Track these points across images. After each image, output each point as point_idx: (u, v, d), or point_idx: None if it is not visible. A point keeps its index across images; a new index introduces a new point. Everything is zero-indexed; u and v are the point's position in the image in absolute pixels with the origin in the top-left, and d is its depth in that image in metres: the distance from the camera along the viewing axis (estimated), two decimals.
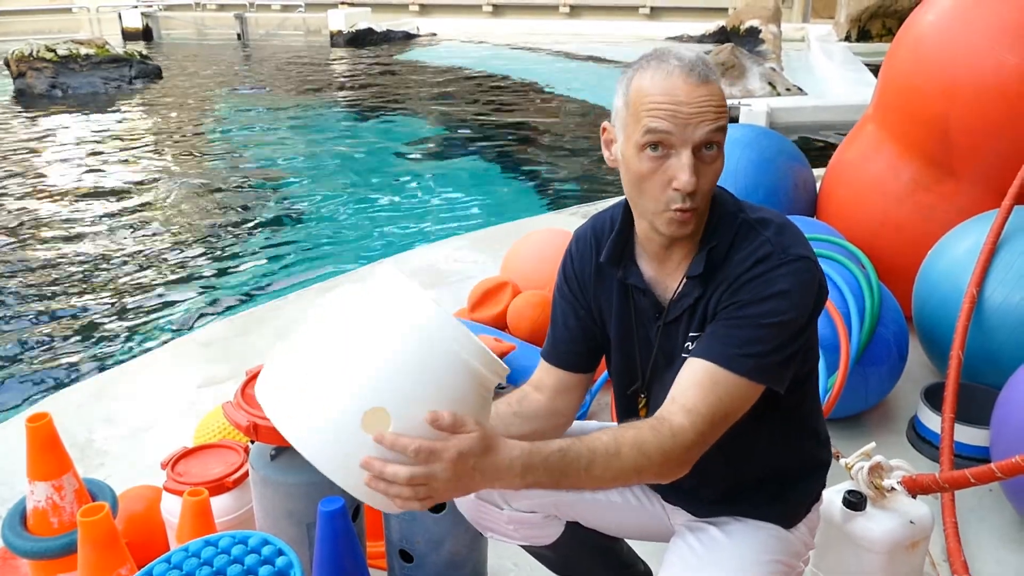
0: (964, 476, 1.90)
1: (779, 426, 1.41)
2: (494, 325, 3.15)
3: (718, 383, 1.27)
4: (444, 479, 1.09)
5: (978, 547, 2.25)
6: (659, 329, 1.42)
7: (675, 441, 1.23)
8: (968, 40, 3.07)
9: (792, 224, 1.37)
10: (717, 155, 1.28)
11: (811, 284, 1.31)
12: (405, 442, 1.08)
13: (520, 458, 1.14)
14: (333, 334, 1.17)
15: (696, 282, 1.35)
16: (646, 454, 1.21)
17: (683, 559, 1.45)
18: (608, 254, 1.44)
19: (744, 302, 1.29)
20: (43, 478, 1.79)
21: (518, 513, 1.56)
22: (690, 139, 1.25)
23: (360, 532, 1.91)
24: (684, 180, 1.25)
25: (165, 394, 3.18)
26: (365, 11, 21.00)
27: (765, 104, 9.17)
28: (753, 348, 1.27)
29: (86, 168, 8.51)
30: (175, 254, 6.00)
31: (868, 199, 3.40)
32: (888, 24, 16.38)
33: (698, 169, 1.26)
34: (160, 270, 5.67)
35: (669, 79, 1.26)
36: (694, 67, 1.27)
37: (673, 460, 1.24)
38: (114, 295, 5.23)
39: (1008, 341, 2.60)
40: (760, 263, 1.30)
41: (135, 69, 13.80)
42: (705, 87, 1.26)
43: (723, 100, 1.28)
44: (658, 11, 21.52)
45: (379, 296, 1.20)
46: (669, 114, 1.25)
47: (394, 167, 8.61)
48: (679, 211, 1.28)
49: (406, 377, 1.13)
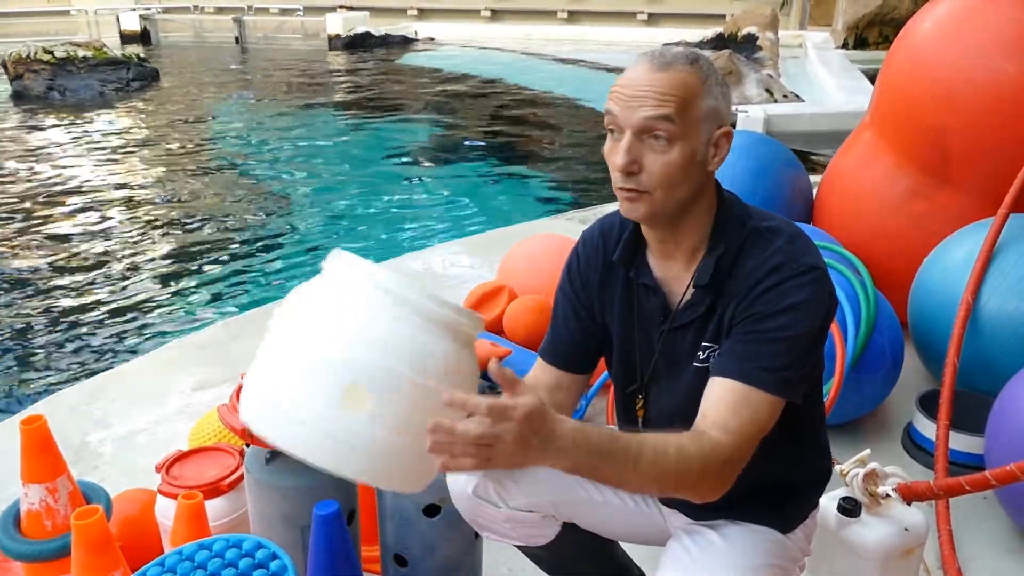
0: (959, 483, 1.90)
1: (785, 436, 1.41)
2: (490, 330, 3.15)
3: (749, 400, 1.27)
4: (511, 439, 1.07)
5: (972, 555, 2.25)
6: (663, 334, 1.42)
7: (713, 452, 1.23)
8: (965, 49, 3.08)
9: (803, 233, 1.37)
10: (667, 145, 1.27)
11: (824, 295, 1.32)
12: (476, 400, 1.07)
13: (572, 431, 1.13)
14: (292, 329, 1.17)
15: (705, 291, 1.36)
16: (687, 460, 1.20)
17: (679, 561, 1.45)
18: (621, 252, 1.44)
19: (760, 315, 1.29)
20: (37, 480, 1.79)
21: (516, 512, 1.56)
22: (628, 121, 1.27)
23: (355, 536, 1.91)
24: (616, 160, 1.28)
25: (160, 397, 3.17)
26: (363, 15, 21.00)
27: (762, 111, 9.18)
28: (775, 363, 1.27)
29: (82, 170, 8.50)
30: (170, 257, 5.99)
31: (864, 206, 3.40)
32: (885, 32, 16.41)
33: (641, 152, 1.28)
34: (155, 273, 5.67)
35: (635, 66, 1.30)
36: (661, 55, 1.29)
37: (711, 472, 1.23)
38: (109, 297, 5.22)
39: (1003, 349, 2.60)
40: (773, 273, 1.30)
41: (133, 72, 13.79)
42: (660, 73, 1.27)
43: (678, 88, 1.26)
44: (656, 17, 21.55)
45: (329, 278, 1.21)
46: (618, 96, 1.29)
47: (391, 171, 8.61)
48: (621, 190, 1.31)
49: (374, 342, 1.12)
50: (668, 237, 1.38)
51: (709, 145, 1.32)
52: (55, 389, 3.80)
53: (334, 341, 1.12)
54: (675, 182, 1.30)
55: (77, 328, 4.78)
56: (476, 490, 1.56)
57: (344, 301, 1.16)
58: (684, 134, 1.28)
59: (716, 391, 1.30)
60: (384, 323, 1.14)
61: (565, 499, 1.57)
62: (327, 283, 1.20)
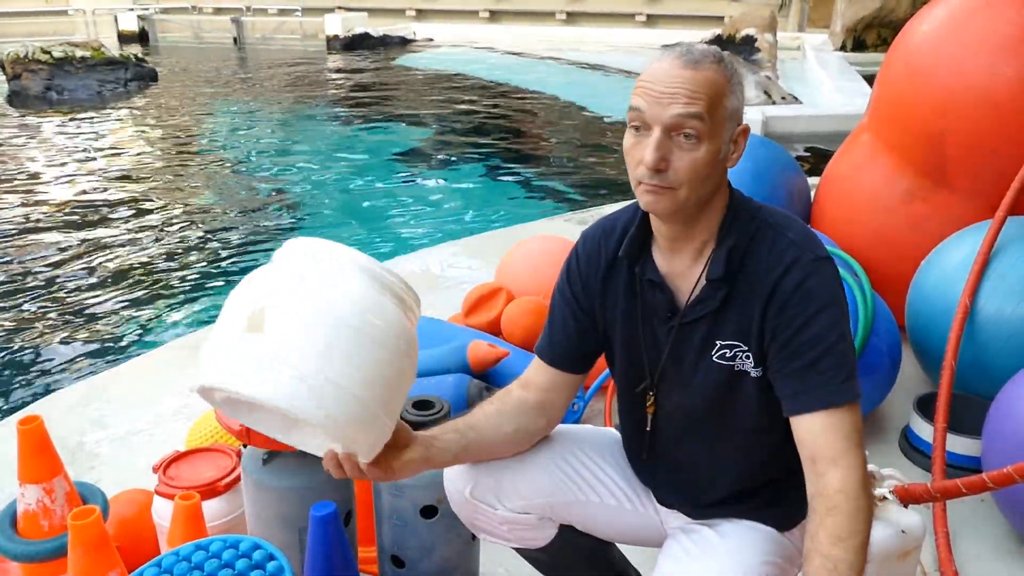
0: (956, 486, 1.90)
1: (784, 435, 1.40)
2: (488, 331, 3.15)
3: (843, 420, 1.28)
4: None
5: (969, 557, 2.25)
6: (672, 329, 1.41)
7: (847, 494, 1.24)
8: (962, 51, 3.09)
9: (808, 227, 1.39)
10: (696, 143, 1.27)
11: (840, 283, 1.34)
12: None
13: None
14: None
15: (719, 284, 1.36)
16: (852, 529, 1.22)
17: (676, 559, 1.45)
18: (627, 248, 1.44)
19: (799, 326, 1.30)
20: (34, 481, 1.79)
21: (512, 514, 1.57)
22: (658, 118, 1.26)
23: (352, 537, 1.90)
24: (646, 156, 1.27)
25: (157, 398, 3.16)
26: (362, 16, 21.02)
27: (760, 112, 9.20)
28: (841, 372, 1.29)
29: (80, 171, 8.50)
30: (167, 257, 5.99)
31: (862, 209, 3.41)
32: (883, 34, 16.43)
33: (670, 149, 1.27)
34: (152, 273, 5.66)
35: (661, 62, 1.29)
36: (689, 52, 1.28)
37: (863, 504, 1.24)
38: (106, 298, 5.22)
39: (1001, 352, 2.60)
40: (792, 270, 1.31)
41: (131, 72, 13.80)
42: (690, 71, 1.26)
43: (707, 87, 1.26)
44: (654, 19, 21.59)
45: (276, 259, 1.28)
46: (645, 92, 1.28)
47: (389, 172, 8.61)
48: (646, 184, 1.29)
49: (287, 282, 1.19)
50: (682, 233, 1.38)
51: (730, 143, 1.33)
52: (52, 389, 3.79)
53: (255, 285, 1.22)
54: (701, 179, 1.30)
55: (74, 329, 4.77)
56: (473, 492, 1.56)
57: (277, 264, 1.25)
58: (712, 133, 1.28)
59: (809, 429, 1.29)
60: (305, 269, 1.21)
61: (562, 500, 1.57)
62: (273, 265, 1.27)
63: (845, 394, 1.28)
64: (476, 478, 1.56)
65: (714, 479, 1.48)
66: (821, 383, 1.28)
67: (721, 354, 1.38)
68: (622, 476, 1.63)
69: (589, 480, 1.60)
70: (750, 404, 1.40)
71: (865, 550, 1.22)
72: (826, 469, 1.25)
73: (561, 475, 1.57)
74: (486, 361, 2.72)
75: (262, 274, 1.22)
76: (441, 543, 1.87)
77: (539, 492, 1.56)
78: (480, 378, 2.72)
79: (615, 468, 1.63)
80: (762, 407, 1.39)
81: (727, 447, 1.46)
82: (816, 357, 1.29)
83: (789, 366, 1.31)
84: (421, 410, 1.86)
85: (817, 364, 1.28)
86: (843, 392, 1.28)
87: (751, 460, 1.46)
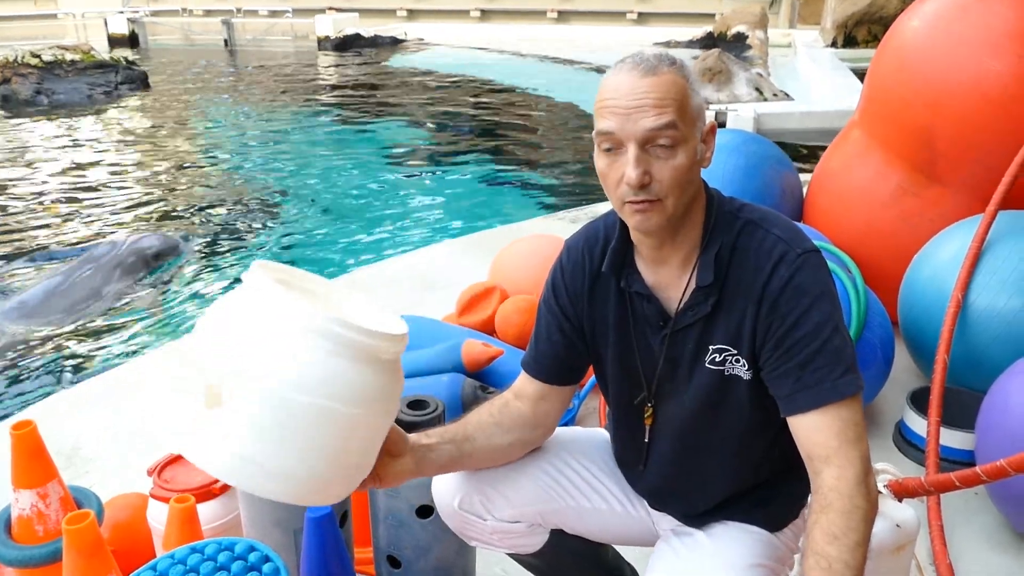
0: (950, 479, 1.91)
1: (780, 437, 1.41)
2: (482, 330, 3.15)
3: (840, 417, 1.26)
4: None
5: (964, 550, 2.26)
6: (666, 337, 1.39)
7: (841, 492, 1.22)
8: (952, 47, 3.10)
9: (790, 220, 1.38)
10: (672, 151, 1.25)
11: (829, 274, 1.32)
12: None
13: None
14: None
15: (709, 290, 1.34)
16: (847, 527, 1.20)
17: (667, 562, 1.45)
18: (610, 262, 1.41)
19: (791, 324, 1.28)
20: (28, 486, 1.78)
21: (502, 523, 1.56)
22: (632, 134, 1.24)
23: (347, 538, 1.90)
24: (628, 174, 1.24)
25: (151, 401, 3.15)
26: (353, 16, 20.99)
27: (752, 109, 9.22)
28: (837, 368, 1.27)
29: (71, 175, 8.47)
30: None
31: (854, 204, 3.42)
32: (874, 30, 16.49)
33: (649, 162, 1.25)
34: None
35: (618, 75, 1.27)
36: (643, 60, 1.26)
37: (858, 503, 1.22)
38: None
39: (993, 345, 2.61)
40: (779, 267, 1.29)
41: (121, 75, 13.74)
42: (650, 78, 1.24)
43: (672, 91, 1.24)
44: (645, 16, 21.61)
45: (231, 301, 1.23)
46: (611, 111, 1.25)
47: (382, 172, 8.60)
48: (633, 202, 1.27)
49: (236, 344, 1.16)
50: (667, 242, 1.35)
51: (701, 142, 1.31)
52: (46, 394, 3.78)
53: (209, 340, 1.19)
54: (684, 185, 1.28)
55: (67, 333, 4.75)
56: (461, 504, 1.55)
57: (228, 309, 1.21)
58: (685, 137, 1.26)
59: (805, 428, 1.28)
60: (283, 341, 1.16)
61: (551, 508, 1.57)
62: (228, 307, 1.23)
63: (841, 390, 1.26)
64: (464, 490, 1.54)
65: (707, 484, 1.47)
66: (815, 382, 1.27)
67: (712, 359, 1.37)
68: (612, 479, 1.62)
69: (579, 485, 1.59)
70: (742, 408, 1.38)
71: (862, 549, 1.20)
72: (821, 467, 1.25)
73: (550, 482, 1.56)
74: (480, 360, 2.72)
75: (223, 330, 1.19)
76: (437, 543, 1.86)
77: (528, 501, 1.55)
78: (474, 377, 2.72)
79: (605, 471, 1.62)
80: (754, 410, 1.38)
81: (720, 452, 1.45)
82: (810, 356, 1.27)
83: (783, 366, 1.30)
84: (415, 410, 1.86)
85: (811, 363, 1.27)
86: (838, 388, 1.26)
87: (743, 464, 1.46)
